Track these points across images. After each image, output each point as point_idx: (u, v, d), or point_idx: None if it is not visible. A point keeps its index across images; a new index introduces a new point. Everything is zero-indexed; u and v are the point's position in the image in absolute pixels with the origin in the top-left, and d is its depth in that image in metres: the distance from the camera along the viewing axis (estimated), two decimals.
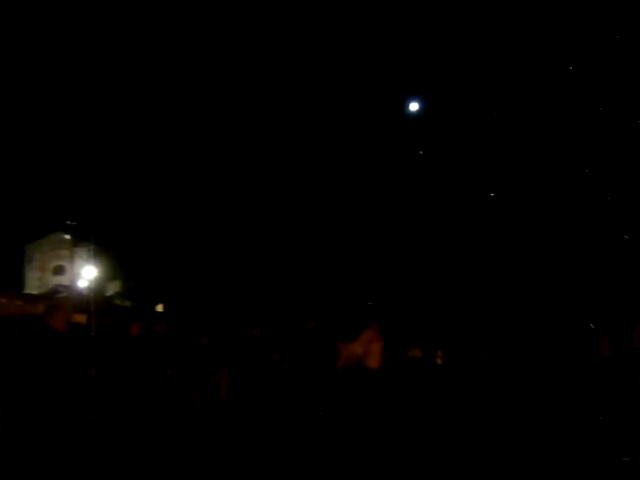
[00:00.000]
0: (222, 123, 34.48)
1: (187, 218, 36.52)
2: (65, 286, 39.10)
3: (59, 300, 16.16)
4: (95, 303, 17.78)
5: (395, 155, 25.34)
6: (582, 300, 17.37)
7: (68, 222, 29.71)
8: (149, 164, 38.90)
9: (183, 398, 7.99)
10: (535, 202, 21.47)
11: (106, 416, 6.04)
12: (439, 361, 12.04)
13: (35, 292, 39.70)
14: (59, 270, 50.27)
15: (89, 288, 35.83)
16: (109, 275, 47.51)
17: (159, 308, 36.88)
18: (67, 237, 39.43)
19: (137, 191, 39.17)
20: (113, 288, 46.19)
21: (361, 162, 27.74)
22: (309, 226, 30.39)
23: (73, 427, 5.02)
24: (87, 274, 39.22)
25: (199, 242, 35.52)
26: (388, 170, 26.46)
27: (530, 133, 20.46)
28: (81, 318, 12.52)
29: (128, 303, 31.05)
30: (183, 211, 37.05)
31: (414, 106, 16.80)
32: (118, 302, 28.71)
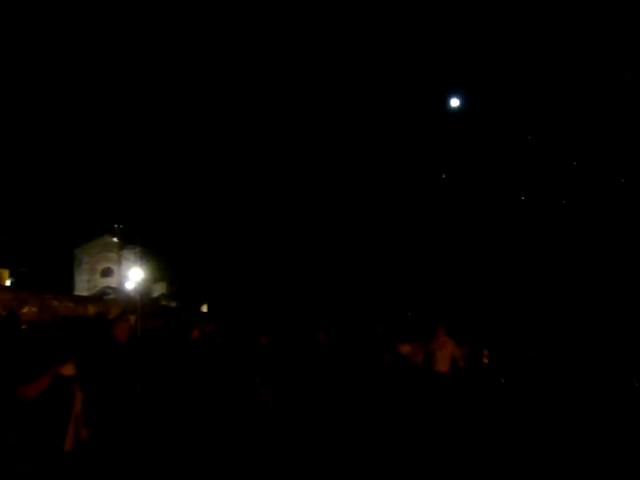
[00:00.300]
0: (271, 132, 34.88)
1: (230, 221, 36.96)
2: (113, 288, 40.03)
3: (108, 302, 16.57)
4: (143, 304, 18.18)
5: (438, 155, 25.19)
6: (630, 296, 16.95)
7: (115, 225, 30.36)
8: (194, 169, 39.53)
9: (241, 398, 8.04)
10: (579, 201, 21.11)
11: (160, 415, 6.16)
12: (485, 360, 11.82)
13: (84, 294, 40.72)
14: (107, 272, 51.44)
15: (136, 290, 36.58)
16: (155, 277, 48.41)
17: (203, 309, 37.41)
18: (114, 240, 40.29)
19: (181, 195, 39.84)
20: (159, 290, 47.04)
21: (406, 167, 27.66)
22: (355, 231, 30.45)
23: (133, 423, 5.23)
24: (134, 276, 40.05)
25: (243, 244, 35.92)
26: (429, 173, 26.34)
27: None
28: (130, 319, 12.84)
29: (174, 304, 31.59)
30: (226, 214, 37.51)
31: (455, 102, 16.63)
32: (164, 303, 29.25)
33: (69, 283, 49.02)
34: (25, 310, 12.07)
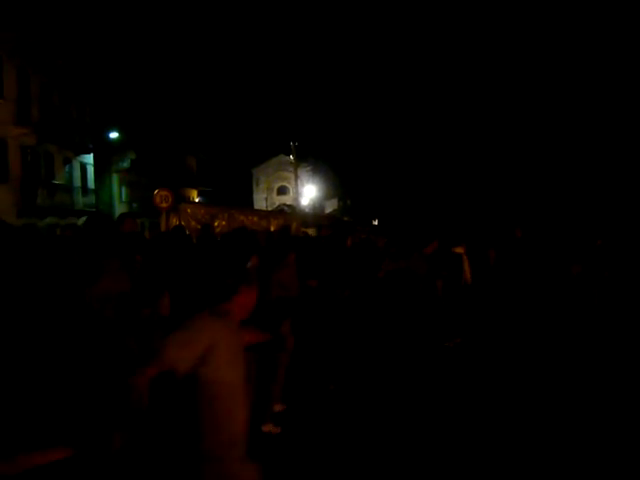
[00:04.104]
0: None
1: (396, 139, 36.71)
2: (288, 205, 42.00)
3: (287, 216, 17.43)
4: (318, 218, 18.91)
5: None
6: None
7: (291, 143, 31.34)
8: (366, 89, 39.44)
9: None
10: None
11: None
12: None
13: None
14: (282, 190, 54.01)
15: (310, 206, 38.11)
16: (327, 194, 49.95)
17: (375, 223, 38.19)
18: (289, 158, 41.96)
19: (352, 116, 40.09)
20: (331, 206, 48.57)
21: None
22: None
23: None
24: (308, 193, 41.65)
25: (412, 162, 35.70)
26: None
27: None
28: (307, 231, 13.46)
29: (346, 219, 32.55)
30: (397, 134, 37.25)
31: None
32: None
33: (249, 201, 52.36)
34: (216, 223, 13.07)
